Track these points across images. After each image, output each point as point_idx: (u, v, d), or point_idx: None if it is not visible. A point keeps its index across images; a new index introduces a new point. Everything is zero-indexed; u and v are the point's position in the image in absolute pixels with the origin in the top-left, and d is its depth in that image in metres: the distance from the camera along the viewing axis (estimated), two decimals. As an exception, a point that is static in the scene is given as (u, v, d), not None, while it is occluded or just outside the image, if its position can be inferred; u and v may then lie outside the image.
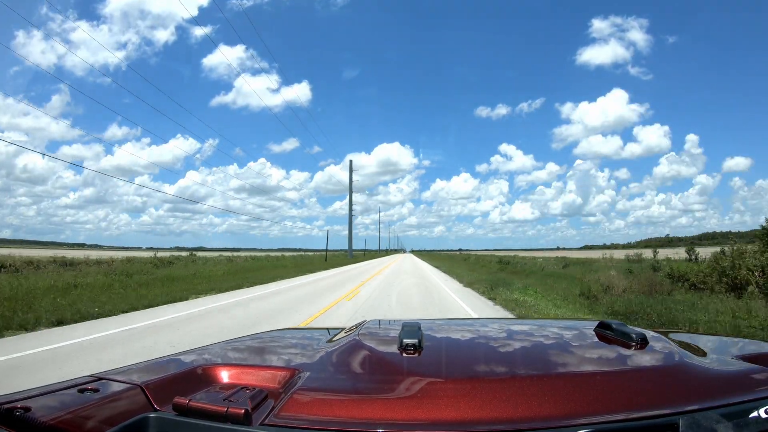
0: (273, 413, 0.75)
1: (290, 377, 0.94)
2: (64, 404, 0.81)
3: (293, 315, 9.40)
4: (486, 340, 1.35)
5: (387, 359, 1.06)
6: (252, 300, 12.22)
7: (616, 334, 1.18)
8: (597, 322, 1.31)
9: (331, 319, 8.89)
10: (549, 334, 1.41)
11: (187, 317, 9.02)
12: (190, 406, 0.71)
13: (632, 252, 31.89)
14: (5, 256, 17.70)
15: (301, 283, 18.45)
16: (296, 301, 11.93)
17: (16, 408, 0.74)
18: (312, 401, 0.83)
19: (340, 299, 12.14)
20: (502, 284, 15.24)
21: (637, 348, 1.08)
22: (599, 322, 1.29)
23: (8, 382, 4.63)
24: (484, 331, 1.49)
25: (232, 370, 0.98)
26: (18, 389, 0.85)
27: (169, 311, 9.76)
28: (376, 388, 0.92)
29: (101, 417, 0.77)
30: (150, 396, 0.83)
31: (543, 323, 1.86)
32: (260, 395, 0.79)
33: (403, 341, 1.05)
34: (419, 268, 32.00)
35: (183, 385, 0.86)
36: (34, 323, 7.65)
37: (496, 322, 1.80)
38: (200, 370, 0.98)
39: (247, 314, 9.59)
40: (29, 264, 19.70)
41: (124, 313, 9.35)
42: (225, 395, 0.77)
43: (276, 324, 7.85)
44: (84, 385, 0.88)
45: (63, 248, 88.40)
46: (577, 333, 1.37)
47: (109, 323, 8.15)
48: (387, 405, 0.81)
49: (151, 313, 9.41)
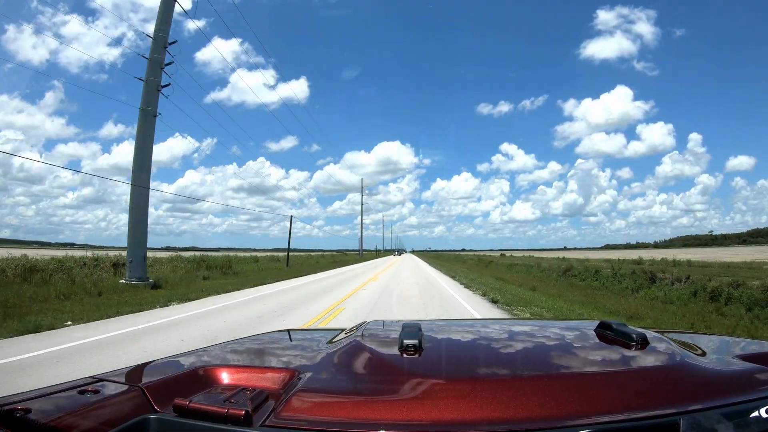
0: (273, 414, 0.75)
1: (290, 378, 0.94)
2: (64, 406, 0.81)
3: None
4: (486, 340, 1.35)
5: (387, 360, 1.06)
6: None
7: (617, 334, 1.17)
8: (597, 323, 1.31)
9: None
10: (549, 334, 1.41)
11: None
12: (190, 408, 0.71)
13: (691, 254, 27.53)
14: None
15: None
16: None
17: (16, 409, 0.74)
18: (312, 402, 0.83)
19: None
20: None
21: (637, 348, 1.08)
22: (600, 323, 1.29)
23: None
24: (484, 331, 1.49)
25: (232, 372, 0.98)
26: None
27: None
28: (377, 389, 0.92)
29: (101, 418, 0.77)
30: (150, 397, 0.83)
31: (543, 324, 1.86)
32: (260, 396, 0.79)
33: (403, 342, 1.05)
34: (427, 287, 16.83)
35: (183, 387, 0.86)
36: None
37: (496, 323, 1.79)
38: (201, 371, 0.98)
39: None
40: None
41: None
42: (225, 396, 0.77)
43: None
44: (84, 387, 0.88)
45: (54, 248, 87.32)
46: (577, 333, 1.37)
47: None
48: (388, 406, 0.81)
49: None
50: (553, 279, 21.68)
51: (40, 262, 15.49)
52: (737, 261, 31.16)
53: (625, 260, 34.15)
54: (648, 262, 28.75)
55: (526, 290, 15.28)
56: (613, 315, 9.32)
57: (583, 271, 21.38)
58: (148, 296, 11.87)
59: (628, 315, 9.38)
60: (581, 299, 12.70)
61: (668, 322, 8.51)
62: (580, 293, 14.63)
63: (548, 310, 10.20)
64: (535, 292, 14.47)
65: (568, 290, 15.78)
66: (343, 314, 9.32)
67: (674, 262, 27.11)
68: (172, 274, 19.08)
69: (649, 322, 8.31)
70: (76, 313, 8.68)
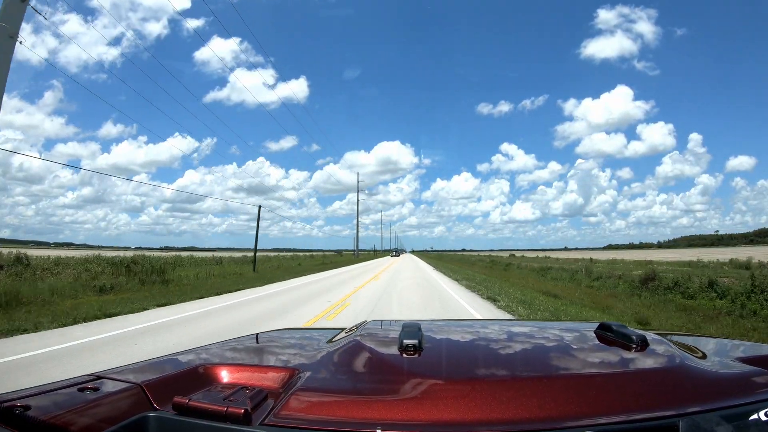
0: (273, 413, 0.75)
1: (290, 377, 0.94)
2: (63, 403, 0.81)
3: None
4: (486, 341, 1.35)
5: (387, 360, 1.06)
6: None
7: (617, 335, 1.17)
8: (597, 324, 1.31)
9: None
10: (549, 335, 1.41)
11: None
12: (189, 406, 0.71)
13: (721, 254, 24.00)
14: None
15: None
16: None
17: (16, 406, 0.74)
18: (312, 401, 0.83)
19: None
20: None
21: (637, 350, 1.08)
22: (600, 324, 1.29)
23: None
24: (484, 332, 1.49)
25: (231, 370, 0.98)
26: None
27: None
28: (376, 388, 0.92)
29: (101, 416, 0.77)
30: (150, 395, 0.83)
31: (543, 325, 1.86)
32: (260, 395, 0.79)
33: (403, 342, 1.05)
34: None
35: (183, 385, 0.86)
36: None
37: (496, 324, 1.79)
38: (200, 369, 0.98)
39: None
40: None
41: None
42: (225, 395, 0.77)
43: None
44: (83, 384, 0.88)
45: (50, 248, 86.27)
46: (577, 335, 1.37)
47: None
48: (387, 405, 0.81)
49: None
50: (626, 293, 14.04)
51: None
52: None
53: (674, 262, 27.77)
54: (701, 264, 23.94)
55: (631, 321, 8.22)
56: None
57: (679, 282, 13.30)
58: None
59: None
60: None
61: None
62: (733, 330, 7.87)
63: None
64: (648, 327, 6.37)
65: (699, 321, 9.08)
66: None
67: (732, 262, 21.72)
68: (59, 282, 13.18)
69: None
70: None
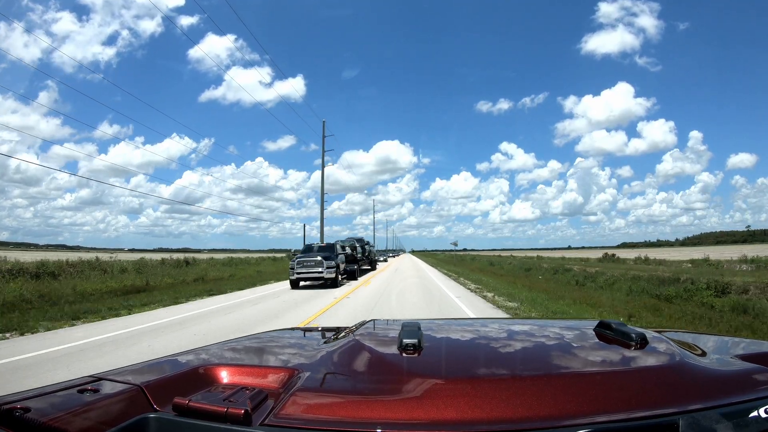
0: (273, 413, 0.75)
1: (290, 377, 0.94)
2: (63, 405, 0.81)
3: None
4: (486, 340, 1.35)
5: (387, 359, 1.06)
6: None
7: (616, 333, 1.17)
8: (597, 322, 1.31)
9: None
10: (549, 334, 1.41)
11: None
12: (189, 407, 0.71)
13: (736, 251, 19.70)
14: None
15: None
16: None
17: (16, 408, 0.74)
18: (312, 401, 0.83)
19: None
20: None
21: (637, 348, 1.08)
22: (599, 322, 1.29)
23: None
24: (483, 331, 1.49)
25: (231, 371, 0.98)
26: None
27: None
28: (376, 388, 0.92)
29: (101, 417, 0.77)
30: (150, 396, 0.82)
31: (543, 323, 1.86)
32: (260, 395, 0.79)
33: (402, 341, 1.05)
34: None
35: (183, 386, 0.86)
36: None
37: (495, 322, 1.79)
38: (200, 370, 0.98)
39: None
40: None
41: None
42: (225, 395, 0.77)
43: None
44: (83, 386, 0.87)
45: (47, 250, 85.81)
46: (577, 333, 1.37)
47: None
48: (387, 405, 0.81)
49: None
50: (723, 320, 8.73)
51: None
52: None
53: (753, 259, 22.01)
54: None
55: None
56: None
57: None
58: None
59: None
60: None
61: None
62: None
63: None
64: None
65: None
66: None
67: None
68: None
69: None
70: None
